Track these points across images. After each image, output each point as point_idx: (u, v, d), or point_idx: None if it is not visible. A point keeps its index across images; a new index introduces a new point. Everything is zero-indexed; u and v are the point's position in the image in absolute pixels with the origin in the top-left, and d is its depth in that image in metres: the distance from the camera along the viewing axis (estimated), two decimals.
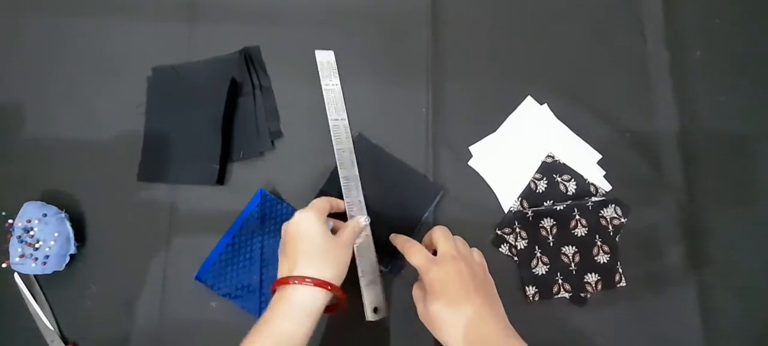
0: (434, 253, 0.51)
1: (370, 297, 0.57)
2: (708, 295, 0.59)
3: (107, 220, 0.61)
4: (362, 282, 0.57)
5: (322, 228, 0.50)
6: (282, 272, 0.50)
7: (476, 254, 0.51)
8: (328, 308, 0.50)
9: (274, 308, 0.47)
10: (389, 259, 0.58)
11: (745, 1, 0.67)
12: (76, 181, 0.62)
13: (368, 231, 0.58)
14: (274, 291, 0.49)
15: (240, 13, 0.66)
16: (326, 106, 0.62)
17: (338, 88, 0.63)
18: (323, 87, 0.63)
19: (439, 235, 0.51)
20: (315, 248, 0.49)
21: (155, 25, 0.66)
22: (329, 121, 0.62)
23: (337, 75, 0.64)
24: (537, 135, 0.63)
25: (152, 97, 0.63)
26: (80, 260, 0.59)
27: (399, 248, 0.53)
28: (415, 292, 0.51)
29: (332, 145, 0.61)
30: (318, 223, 0.50)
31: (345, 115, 0.62)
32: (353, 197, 0.59)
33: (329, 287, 0.48)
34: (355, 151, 0.61)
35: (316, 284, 0.47)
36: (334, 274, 0.49)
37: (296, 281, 0.47)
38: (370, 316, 0.56)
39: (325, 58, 0.64)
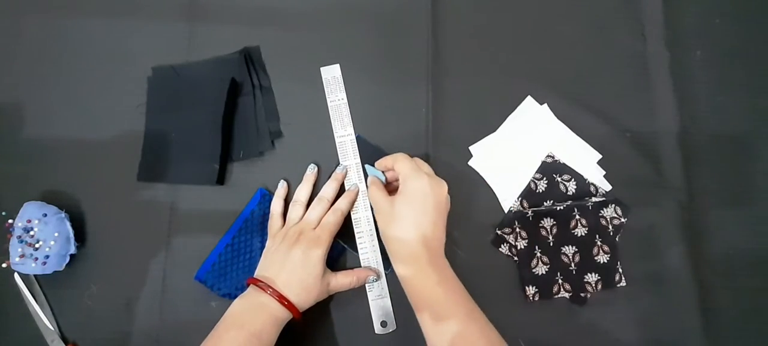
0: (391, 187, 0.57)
1: (379, 311, 0.57)
2: (708, 295, 0.59)
3: (107, 220, 0.61)
4: (370, 296, 0.57)
5: (320, 269, 0.53)
6: (268, 269, 0.53)
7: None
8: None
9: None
10: (389, 261, 0.58)
11: (745, 1, 0.67)
12: (76, 181, 0.61)
13: (375, 244, 0.58)
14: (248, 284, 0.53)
15: (240, 13, 0.66)
16: (332, 123, 0.62)
17: (344, 102, 0.63)
18: (329, 103, 0.63)
19: (407, 164, 0.54)
20: (306, 282, 0.52)
21: (155, 25, 0.65)
22: (336, 138, 0.62)
23: (344, 89, 0.63)
24: (537, 135, 0.63)
25: (152, 97, 0.63)
26: (80, 260, 0.59)
27: (385, 165, 0.57)
28: (378, 192, 0.54)
29: (332, 145, 0.61)
30: (320, 264, 0.53)
31: (351, 130, 0.62)
32: (360, 213, 0.59)
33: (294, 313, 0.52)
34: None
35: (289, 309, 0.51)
36: (302, 303, 0.52)
37: (275, 296, 0.51)
38: (378, 330, 0.57)
39: (331, 74, 0.63)
